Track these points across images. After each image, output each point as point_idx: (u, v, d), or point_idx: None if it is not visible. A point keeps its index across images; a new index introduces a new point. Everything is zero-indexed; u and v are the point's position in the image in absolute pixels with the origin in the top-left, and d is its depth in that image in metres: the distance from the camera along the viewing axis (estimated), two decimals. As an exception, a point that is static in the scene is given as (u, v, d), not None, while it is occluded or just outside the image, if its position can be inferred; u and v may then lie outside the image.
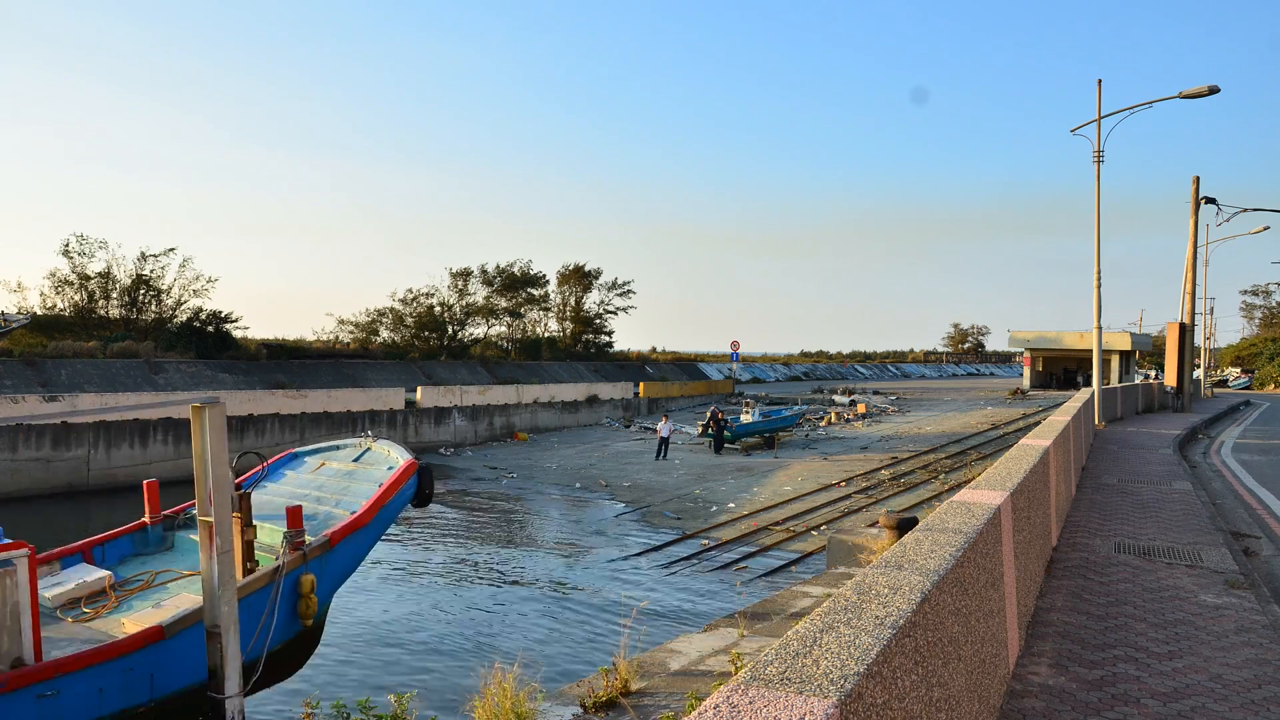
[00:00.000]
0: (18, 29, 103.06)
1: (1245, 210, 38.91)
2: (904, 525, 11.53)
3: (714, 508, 25.36)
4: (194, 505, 11.07)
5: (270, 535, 10.92)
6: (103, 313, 43.87)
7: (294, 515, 10.39)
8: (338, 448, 13.55)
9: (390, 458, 12.81)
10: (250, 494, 10.47)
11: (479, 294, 62.12)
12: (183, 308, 45.76)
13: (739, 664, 7.49)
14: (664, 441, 35.44)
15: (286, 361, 43.21)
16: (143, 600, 10.32)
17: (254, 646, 9.69)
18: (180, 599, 10.00)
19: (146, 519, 11.60)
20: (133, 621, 9.46)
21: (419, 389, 41.14)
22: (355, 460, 13.09)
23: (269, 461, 12.28)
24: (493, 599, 17.10)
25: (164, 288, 45.63)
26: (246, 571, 10.07)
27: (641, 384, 56.18)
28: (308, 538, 10.47)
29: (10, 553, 8.26)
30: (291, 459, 13.38)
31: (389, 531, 16.00)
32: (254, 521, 10.47)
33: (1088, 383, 55.37)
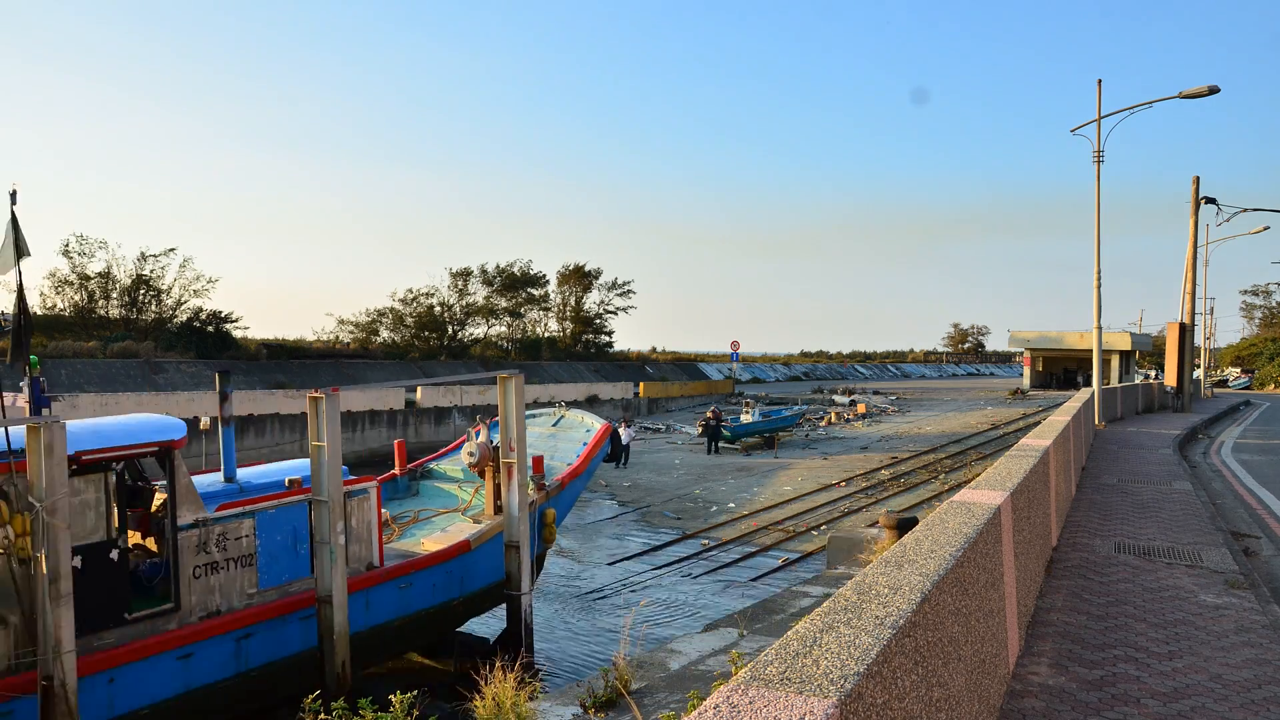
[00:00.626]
0: (17, 31, 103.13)
1: (1245, 210, 38.92)
2: (904, 525, 11.54)
3: (714, 508, 25.35)
4: (428, 461, 14.98)
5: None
6: (103, 313, 43.87)
7: (538, 463, 13.89)
8: (534, 415, 16.94)
9: (585, 422, 16.34)
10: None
11: (479, 294, 62.13)
12: (183, 308, 45.78)
13: (739, 664, 7.49)
14: (624, 448, 34.52)
15: (286, 361, 43.21)
16: (417, 530, 13.46)
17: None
18: (458, 527, 13.47)
19: (396, 471, 14.79)
20: (431, 541, 12.83)
21: (419, 389, 41.13)
22: (554, 425, 16.70)
23: (487, 422, 14.41)
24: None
25: (164, 288, 45.65)
26: (498, 509, 13.35)
27: (641, 384, 56.19)
28: (546, 481, 14.04)
29: (365, 484, 11.41)
30: (497, 425, 15.54)
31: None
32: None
33: (1088, 383, 55.36)
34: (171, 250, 45.45)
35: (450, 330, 59.35)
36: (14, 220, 9.46)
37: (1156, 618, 7.77)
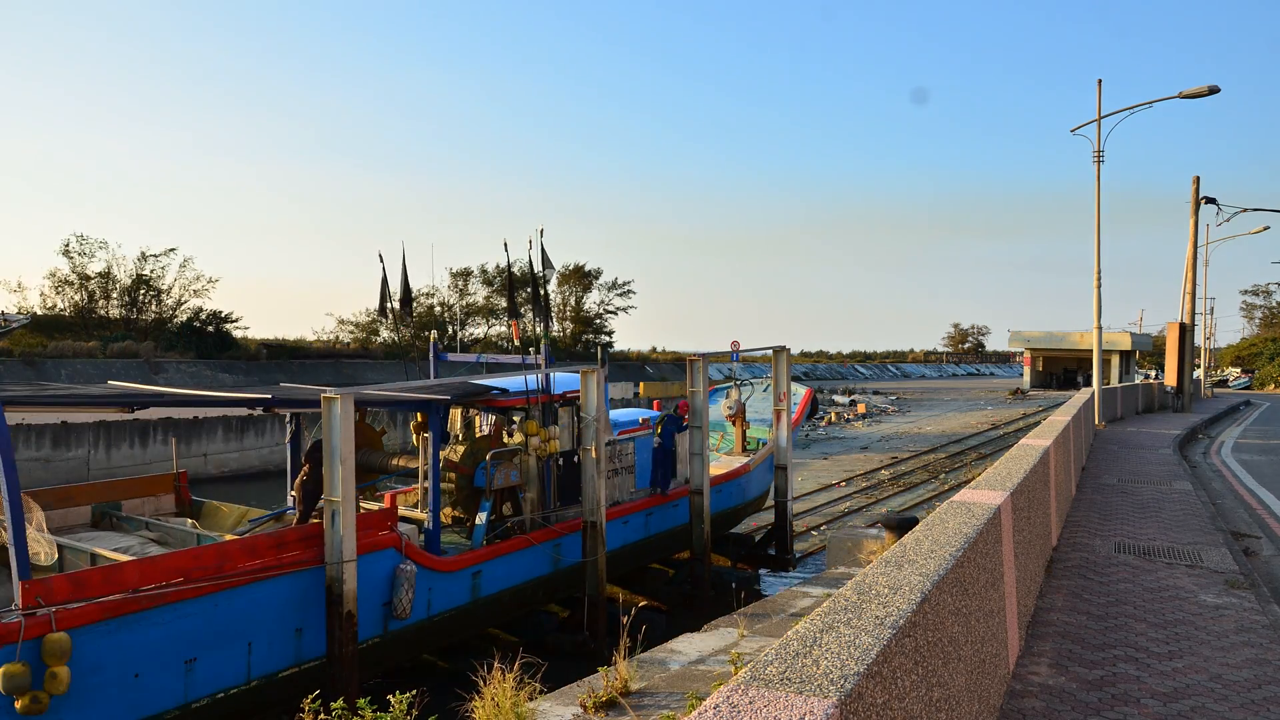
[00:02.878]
0: (18, 33, 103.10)
1: (1245, 210, 38.92)
2: (904, 525, 11.53)
3: (714, 508, 25.31)
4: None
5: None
6: (103, 313, 43.83)
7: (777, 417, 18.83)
8: (748, 384, 22.58)
9: (792, 388, 20.43)
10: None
11: (479, 294, 62.11)
12: (183, 308, 45.74)
13: (739, 664, 7.49)
14: None
15: (287, 361, 43.18)
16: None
17: (767, 481, 19.29)
18: (726, 458, 19.22)
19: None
20: (715, 467, 17.39)
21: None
22: (764, 390, 21.58)
23: (710, 388, 18.98)
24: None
25: (164, 288, 45.61)
26: (744, 447, 20.02)
27: (641, 384, 56.15)
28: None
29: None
30: (715, 393, 20.62)
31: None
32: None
33: (1088, 383, 55.36)
34: (172, 250, 45.44)
35: (450, 330, 59.37)
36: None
37: (1156, 618, 7.77)
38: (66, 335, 38.39)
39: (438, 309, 58.74)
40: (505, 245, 15.25)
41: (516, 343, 16.30)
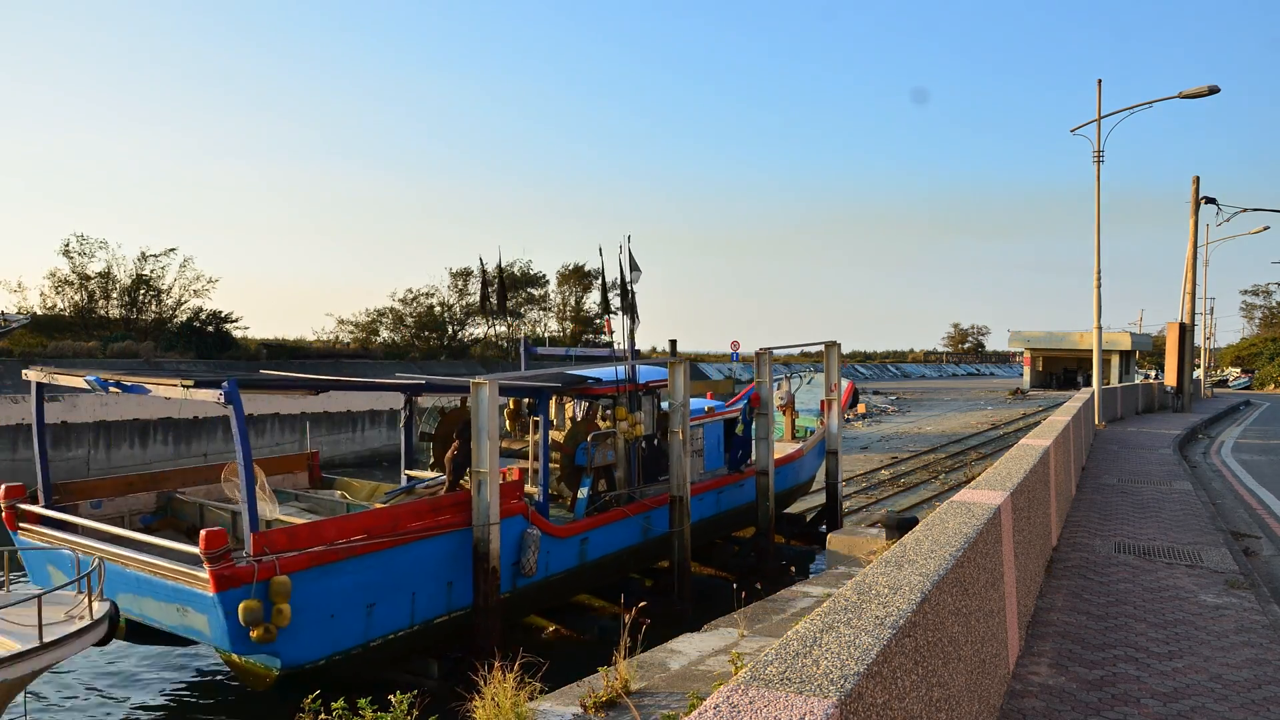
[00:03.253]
0: (18, 33, 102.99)
1: (1245, 210, 38.94)
2: (904, 525, 11.53)
3: (714, 508, 25.31)
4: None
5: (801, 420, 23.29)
6: (103, 313, 43.79)
7: (823, 407, 21.04)
8: (797, 377, 24.68)
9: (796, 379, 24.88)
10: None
11: (479, 294, 62.08)
12: (183, 308, 45.71)
13: (739, 664, 7.49)
14: None
15: (286, 362, 43.14)
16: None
17: (815, 465, 21.48)
18: (780, 444, 20.64)
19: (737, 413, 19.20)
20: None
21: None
22: (809, 382, 24.50)
23: (785, 381, 23.03)
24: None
25: (164, 288, 45.57)
26: (793, 434, 22.38)
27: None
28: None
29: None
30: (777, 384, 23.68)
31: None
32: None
33: (1088, 383, 55.34)
34: (171, 250, 45.39)
35: (450, 330, 59.34)
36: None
37: (1156, 618, 7.77)
38: (66, 335, 38.39)
39: (438, 309, 58.68)
40: (601, 250, 18.10)
41: (609, 338, 18.48)
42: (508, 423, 16.61)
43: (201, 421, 31.80)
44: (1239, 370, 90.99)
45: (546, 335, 65.66)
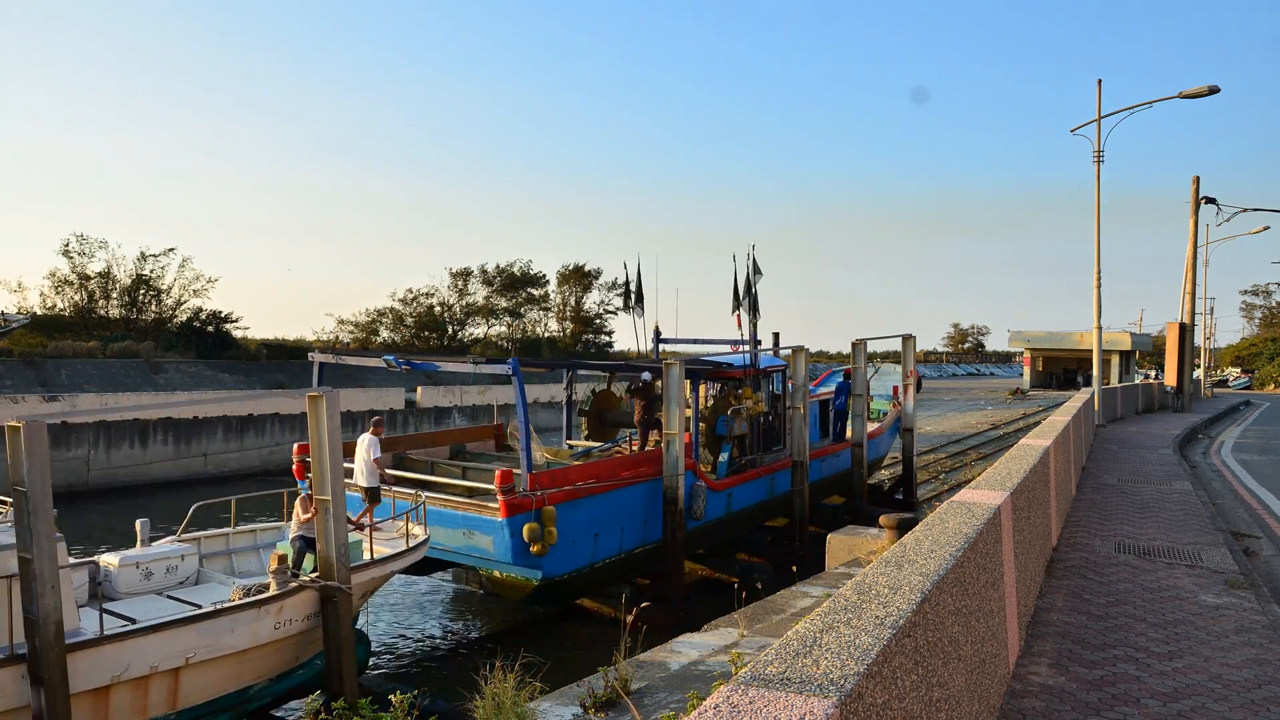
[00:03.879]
0: (21, 32, 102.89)
1: (1245, 210, 38.95)
2: (904, 525, 11.53)
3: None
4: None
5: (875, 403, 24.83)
6: (103, 313, 43.76)
7: (895, 391, 24.19)
8: (871, 366, 23.99)
9: (898, 370, 24.95)
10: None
11: (479, 294, 62.01)
12: (183, 308, 45.68)
13: (739, 664, 7.49)
14: None
15: (287, 361, 43.14)
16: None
17: (890, 442, 24.35)
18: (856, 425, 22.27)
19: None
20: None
21: (419, 389, 41.13)
22: (877, 371, 25.82)
23: (827, 373, 26.65)
24: (491, 597, 17.08)
25: (164, 288, 45.54)
26: (872, 420, 23.54)
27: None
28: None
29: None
30: (834, 373, 26.39)
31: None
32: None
33: (1088, 383, 55.33)
34: (171, 250, 45.37)
35: (450, 330, 59.32)
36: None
37: (1156, 618, 7.77)
38: (66, 335, 38.37)
39: (438, 309, 58.67)
40: (737, 259, 20.96)
41: (740, 332, 20.63)
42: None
43: (201, 422, 31.78)
44: (1239, 370, 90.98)
45: (546, 335, 65.68)
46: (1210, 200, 36.83)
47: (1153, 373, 67.49)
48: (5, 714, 8.23)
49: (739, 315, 20.40)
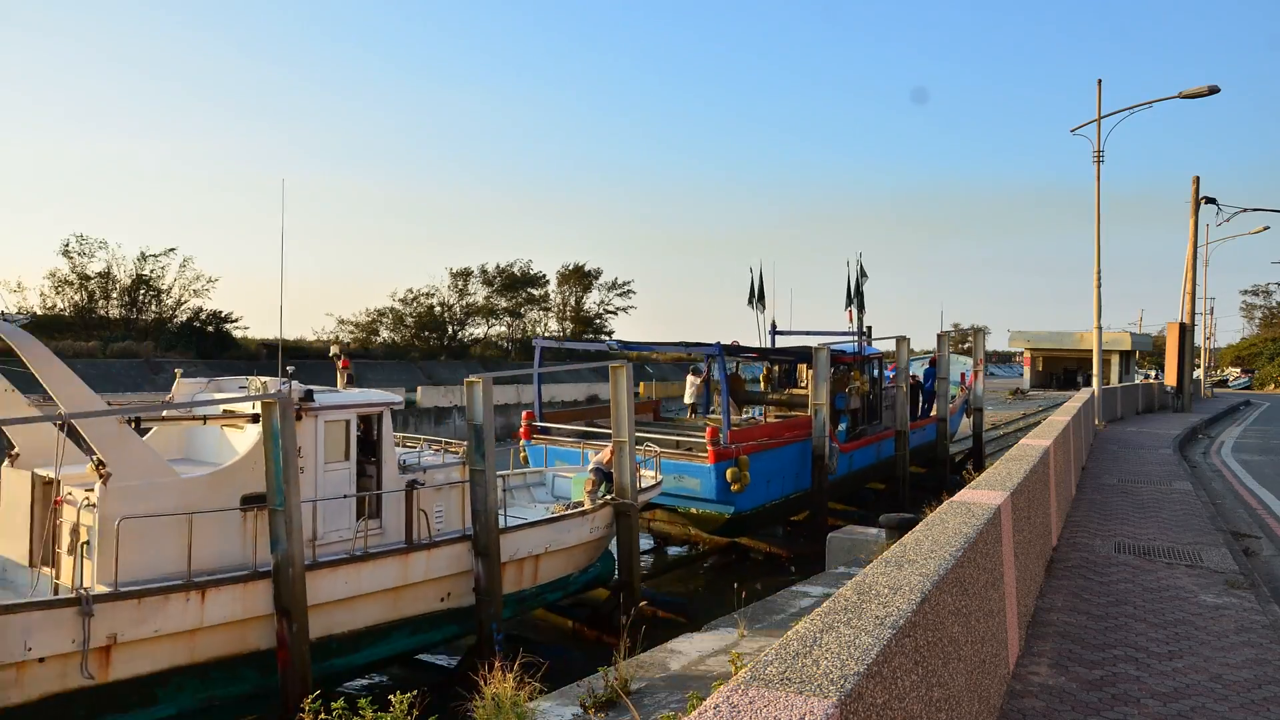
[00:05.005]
0: (18, 33, 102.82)
1: (1245, 210, 38.96)
2: (904, 525, 11.53)
3: (714, 508, 25.31)
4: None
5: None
6: (103, 313, 43.73)
7: (963, 378, 29.24)
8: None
9: (967, 360, 30.83)
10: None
11: (479, 294, 62.00)
12: (183, 308, 45.68)
13: (739, 664, 7.49)
14: None
15: (287, 361, 43.17)
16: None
17: (959, 420, 28.62)
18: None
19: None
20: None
21: (419, 389, 41.16)
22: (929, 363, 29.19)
23: (928, 363, 28.92)
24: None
25: (164, 288, 45.54)
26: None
27: (641, 384, 56.15)
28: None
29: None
30: (914, 361, 27.99)
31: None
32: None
33: (1088, 383, 55.31)
34: (171, 250, 45.35)
35: (450, 330, 59.31)
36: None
37: (1157, 618, 7.77)
38: (66, 335, 38.36)
39: (438, 309, 58.68)
40: (850, 264, 25.28)
41: (851, 325, 24.46)
42: (762, 383, 25.45)
43: (201, 421, 31.76)
44: (1239, 370, 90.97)
45: (546, 334, 65.68)
46: (1210, 200, 36.83)
47: (1153, 373, 67.46)
48: (459, 575, 11.88)
49: (850, 311, 24.65)
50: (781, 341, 25.51)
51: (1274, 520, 13.85)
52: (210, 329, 42.41)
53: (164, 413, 11.49)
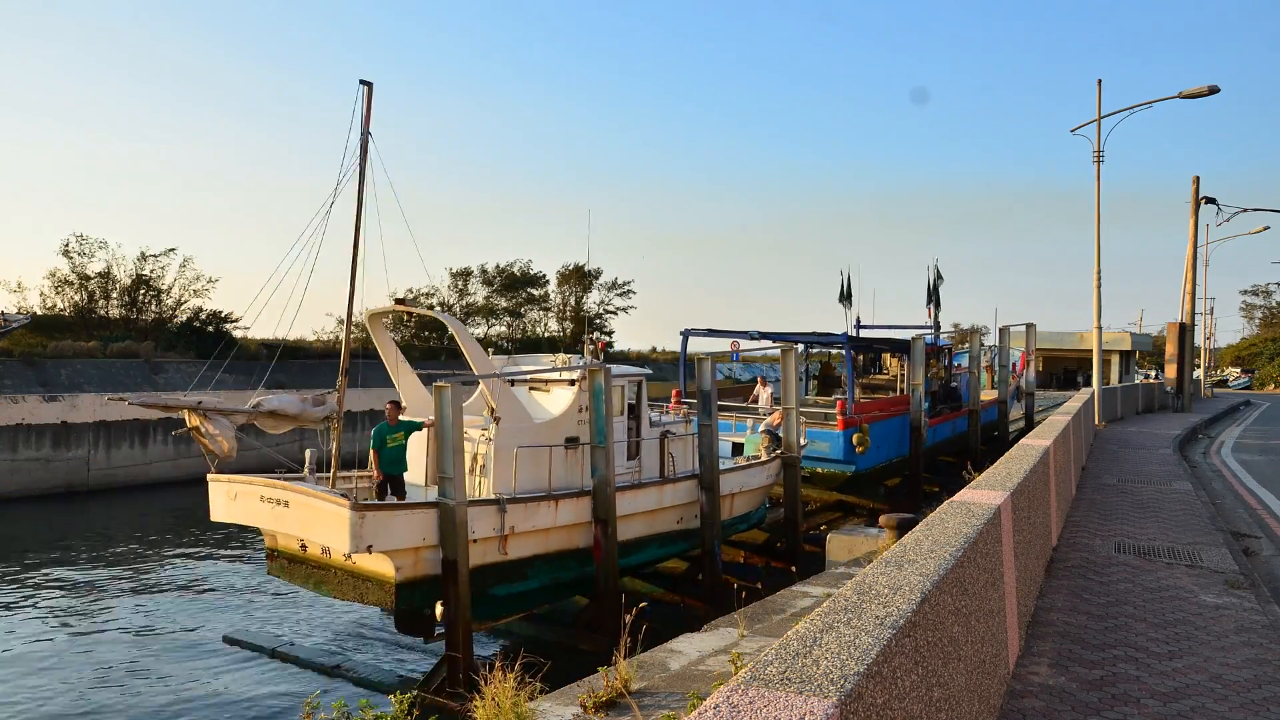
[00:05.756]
0: (15, 32, 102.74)
1: (1245, 210, 38.95)
2: (904, 525, 11.52)
3: (714, 508, 25.32)
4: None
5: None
6: (103, 313, 43.70)
7: (1012, 366, 31.50)
8: (991, 349, 32.75)
9: (1016, 350, 32.34)
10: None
11: (479, 294, 62.01)
12: (183, 308, 45.65)
13: (739, 664, 7.48)
14: None
15: (287, 362, 43.12)
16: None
17: (1014, 403, 31.63)
18: (987, 391, 29.99)
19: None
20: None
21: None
22: (993, 350, 32.63)
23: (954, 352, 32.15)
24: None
25: (164, 288, 45.50)
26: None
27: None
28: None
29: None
30: (959, 355, 32.15)
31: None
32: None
33: (1088, 383, 55.26)
34: (171, 250, 45.33)
35: (450, 330, 59.28)
36: (929, 283, 29.87)
37: (1156, 618, 7.77)
38: (66, 335, 38.34)
39: (437, 309, 58.69)
40: (929, 268, 28.12)
41: (930, 321, 28.59)
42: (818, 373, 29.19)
43: (201, 421, 31.80)
44: (1239, 370, 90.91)
45: (546, 335, 65.66)
46: (1210, 200, 36.82)
47: (1153, 373, 67.43)
48: (689, 504, 15.52)
49: (930, 309, 29.10)
50: (863, 334, 29.95)
51: (1274, 520, 13.85)
52: (210, 329, 42.39)
53: (528, 377, 15.40)
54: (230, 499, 12.85)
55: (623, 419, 14.88)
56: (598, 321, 69.92)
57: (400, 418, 13.54)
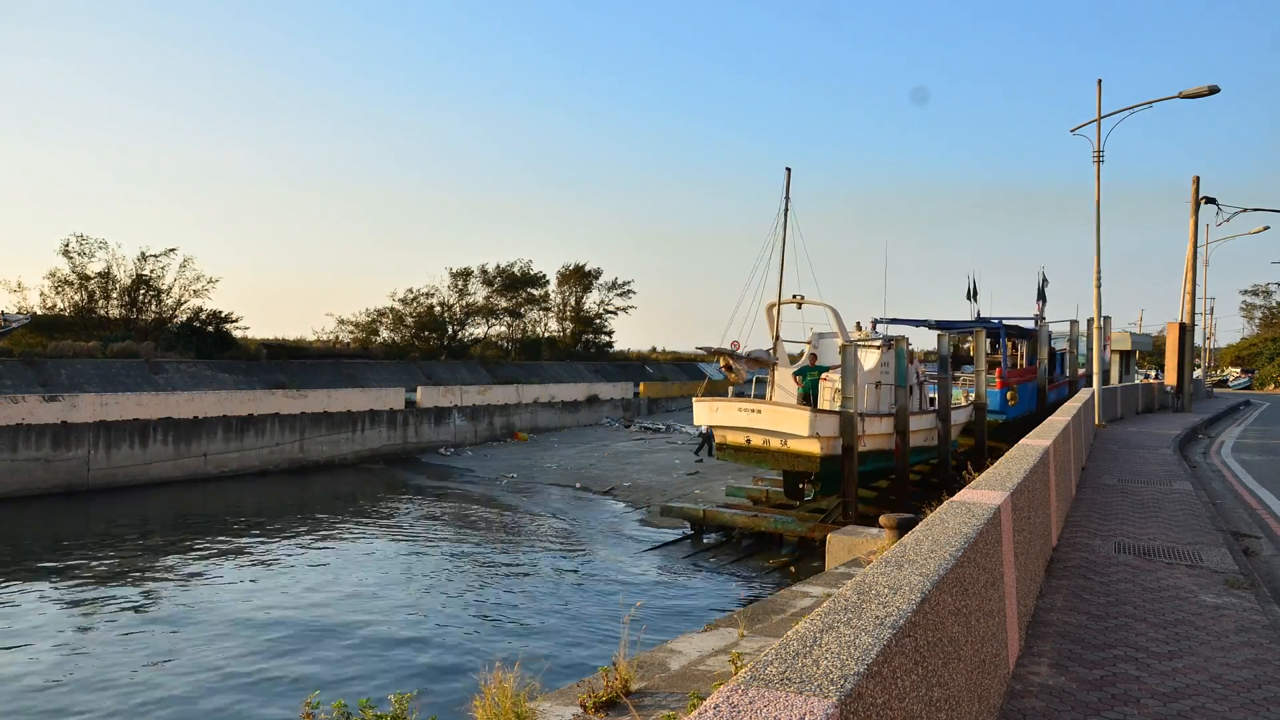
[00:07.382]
0: (17, 31, 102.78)
1: (1245, 210, 38.89)
2: (904, 525, 11.54)
3: (714, 508, 25.29)
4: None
5: None
6: (103, 313, 43.75)
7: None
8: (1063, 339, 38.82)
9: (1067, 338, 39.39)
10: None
11: (479, 294, 62.00)
12: (183, 308, 45.68)
13: (739, 664, 7.49)
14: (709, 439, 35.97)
15: (287, 362, 43.16)
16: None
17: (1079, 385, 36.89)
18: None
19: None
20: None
21: (419, 389, 41.17)
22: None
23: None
24: (493, 598, 17.12)
25: (164, 288, 45.54)
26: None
27: (641, 384, 56.19)
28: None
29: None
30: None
31: (391, 532, 19.50)
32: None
33: (1088, 383, 55.23)
34: (172, 250, 45.37)
35: (450, 330, 59.30)
36: (1038, 287, 36.41)
37: (1157, 618, 7.77)
38: (66, 335, 38.37)
39: (437, 309, 58.69)
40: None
41: (1037, 313, 34.46)
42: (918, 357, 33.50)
43: (201, 422, 31.80)
44: (1239, 370, 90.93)
45: (546, 335, 65.68)
46: (1210, 200, 36.80)
47: (1153, 373, 67.45)
48: (931, 430, 24.21)
49: (1039, 304, 34.50)
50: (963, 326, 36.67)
51: (1274, 520, 13.85)
52: (210, 329, 42.42)
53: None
54: (712, 411, 20.95)
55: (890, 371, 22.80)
56: (597, 322, 69.92)
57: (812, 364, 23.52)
